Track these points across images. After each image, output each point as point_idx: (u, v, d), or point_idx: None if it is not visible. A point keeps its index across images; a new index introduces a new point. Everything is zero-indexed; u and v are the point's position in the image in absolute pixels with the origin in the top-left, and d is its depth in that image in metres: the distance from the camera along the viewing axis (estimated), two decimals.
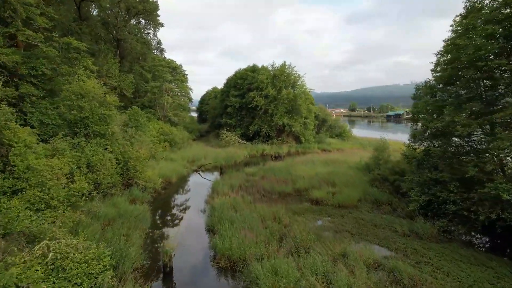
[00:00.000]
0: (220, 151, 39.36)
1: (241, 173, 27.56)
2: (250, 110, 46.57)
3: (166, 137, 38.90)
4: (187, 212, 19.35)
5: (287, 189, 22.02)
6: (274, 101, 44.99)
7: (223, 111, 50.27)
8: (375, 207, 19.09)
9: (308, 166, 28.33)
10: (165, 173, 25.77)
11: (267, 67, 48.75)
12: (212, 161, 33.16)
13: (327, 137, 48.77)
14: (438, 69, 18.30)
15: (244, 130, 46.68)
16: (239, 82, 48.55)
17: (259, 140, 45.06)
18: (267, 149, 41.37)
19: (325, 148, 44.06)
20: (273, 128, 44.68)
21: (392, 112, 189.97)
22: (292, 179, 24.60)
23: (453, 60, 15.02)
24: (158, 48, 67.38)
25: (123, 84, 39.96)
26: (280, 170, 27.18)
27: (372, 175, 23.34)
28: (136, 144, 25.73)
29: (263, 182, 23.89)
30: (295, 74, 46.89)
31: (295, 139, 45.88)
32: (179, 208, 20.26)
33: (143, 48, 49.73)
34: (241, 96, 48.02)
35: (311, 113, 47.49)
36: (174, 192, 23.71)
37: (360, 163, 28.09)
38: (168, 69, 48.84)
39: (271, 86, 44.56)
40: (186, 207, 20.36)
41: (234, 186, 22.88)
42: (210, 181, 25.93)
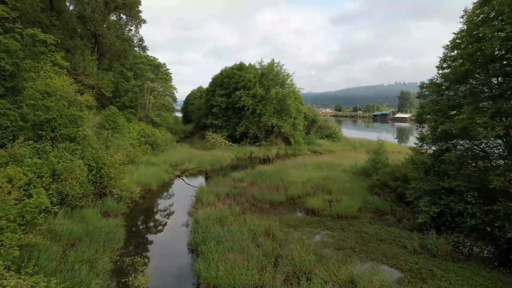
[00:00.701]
0: (206, 153, 37.10)
1: (228, 178, 25.43)
2: (237, 110, 44.43)
3: (147, 139, 36.44)
4: (167, 226, 17.09)
5: (279, 198, 20.02)
6: (262, 100, 43.00)
7: (209, 111, 47.96)
8: (377, 217, 17.33)
9: (300, 171, 26.44)
10: (145, 179, 23.43)
11: (254, 65, 46.73)
12: (197, 165, 30.90)
13: (317, 138, 47.11)
14: (445, 65, 16.72)
15: (230, 131, 44.51)
16: (225, 81, 46.32)
17: (247, 142, 42.99)
18: (255, 151, 39.33)
19: (315, 150, 42.35)
20: (261, 129, 42.67)
21: (378, 112, 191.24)
22: (284, 185, 22.64)
23: (470, 54, 13.27)
24: (141, 46, 64.52)
25: (101, 82, 37.29)
26: (270, 175, 25.18)
27: (370, 181, 21.60)
28: (112, 148, 23.31)
29: (252, 189, 21.83)
30: (284, 73, 45.06)
31: (284, 140, 44.01)
32: (158, 221, 17.98)
33: (123, 45, 46.93)
34: (227, 95, 45.81)
35: (300, 113, 45.69)
36: (154, 201, 21.36)
37: (356, 167, 26.39)
38: (150, 67, 46.16)
39: (259, 85, 42.56)
40: (166, 220, 18.10)
41: (220, 194, 20.74)
42: (195, 187, 23.77)
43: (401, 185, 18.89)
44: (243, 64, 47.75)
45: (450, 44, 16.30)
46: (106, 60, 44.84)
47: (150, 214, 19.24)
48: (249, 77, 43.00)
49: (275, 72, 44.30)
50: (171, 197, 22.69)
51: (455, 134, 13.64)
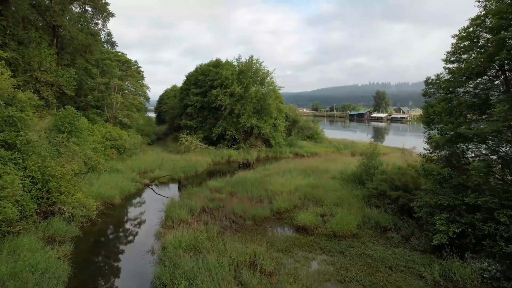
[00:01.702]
0: (179, 158, 33.74)
1: (204, 188, 22.35)
2: (214, 110, 41.23)
3: (113, 143, 32.70)
4: (127, 255, 13.84)
5: (263, 212, 17.18)
6: (240, 99, 40.04)
7: (183, 112, 44.45)
8: (379, 234, 14.87)
9: (285, 178, 23.73)
10: (106, 191, 20.05)
11: (232, 62, 43.72)
12: (169, 172, 27.56)
13: (298, 139, 44.68)
14: (453, 58, 14.51)
15: (207, 133, 41.25)
16: (201, 78, 42.98)
17: (224, 144, 39.88)
18: (233, 155, 36.33)
19: (298, 152, 39.88)
20: (240, 131, 39.69)
21: (355, 112, 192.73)
22: (268, 196, 19.86)
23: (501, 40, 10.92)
24: (109, 41, 60.02)
25: (61, 79, 33.18)
26: (252, 183, 22.33)
27: (366, 190, 19.16)
28: (66, 155, 19.73)
29: (232, 201, 18.89)
30: (263, 70, 42.31)
31: (264, 142, 41.25)
32: (117, 248, 14.68)
33: (88, 39, 42.64)
34: (202, 94, 42.49)
35: (281, 114, 43.08)
36: (115, 219, 17.94)
37: (346, 172, 24.01)
38: (117, 63, 42.11)
39: (237, 83, 39.55)
40: (127, 245, 14.86)
41: (195, 208, 17.69)
42: (166, 198, 20.63)
43: (402, 195, 16.55)
44: (219, 61, 44.60)
45: (461, 33, 14.10)
46: (68, 55, 40.48)
47: (108, 237, 15.89)
48: (226, 74, 39.92)
49: (254, 69, 41.46)
50: (137, 213, 19.35)
51: (477, 138, 11.30)
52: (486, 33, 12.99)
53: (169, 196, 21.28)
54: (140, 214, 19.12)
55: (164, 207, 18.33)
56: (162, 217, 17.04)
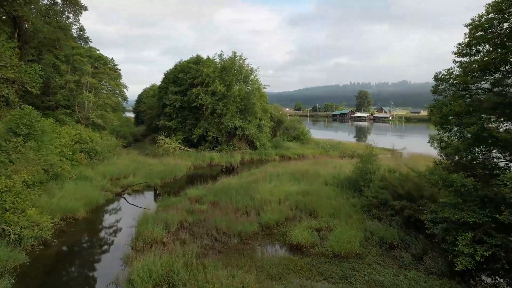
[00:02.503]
0: (156, 162, 31.02)
1: (183, 197, 19.89)
2: (194, 110, 38.59)
3: (84, 146, 29.66)
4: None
5: (251, 227, 14.89)
6: (223, 99, 37.57)
7: (161, 112, 41.56)
8: (385, 253, 12.86)
9: (273, 184, 21.55)
10: (69, 203, 17.35)
11: (213, 59, 41.15)
12: (144, 179, 24.86)
13: (284, 140, 42.60)
14: (464, 52, 12.75)
15: (187, 135, 38.55)
16: (180, 76, 40.20)
17: (206, 146, 37.33)
18: (216, 158, 33.84)
19: (284, 154, 37.80)
20: (222, 132, 37.21)
21: (338, 112, 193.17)
22: (255, 206, 17.62)
23: None
24: (82, 37, 56.23)
25: (24, 76, 29.85)
26: (236, 191, 20.02)
27: (365, 199, 17.15)
28: (19, 163, 16.93)
29: (214, 214, 16.52)
30: (247, 68, 39.99)
31: (248, 144, 38.94)
32: (72, 279, 12.03)
33: (56, 33, 39.20)
34: (182, 93, 39.76)
35: (266, 113, 40.86)
36: (76, 238, 15.21)
37: (339, 177, 22.06)
38: (89, 60, 38.84)
39: (219, 81, 37.05)
40: (85, 276, 12.22)
41: (171, 223, 15.24)
42: (141, 208, 18.19)
43: (407, 206, 14.66)
44: (200, 58, 41.95)
45: (475, 21, 12.33)
46: (33, 49, 37.06)
47: (63, 263, 13.17)
48: (207, 71, 37.35)
49: (238, 67, 39.07)
50: (103, 229, 16.69)
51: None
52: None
53: (144, 206, 18.84)
54: (107, 231, 16.47)
55: (136, 223, 15.78)
56: (133, 235, 14.54)
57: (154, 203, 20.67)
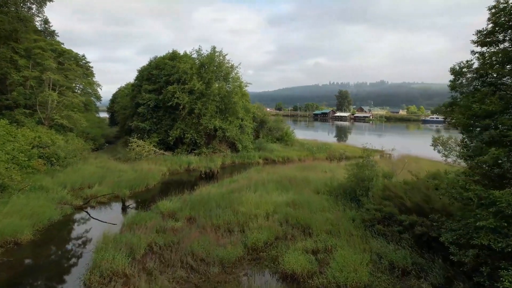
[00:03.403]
0: (128, 168, 27.92)
1: (155, 211, 17.09)
2: (170, 109, 35.56)
3: (43, 151, 26.27)
4: None
5: (234, 251, 12.31)
6: (201, 97, 34.75)
7: (134, 112, 38.24)
8: (397, 281, 10.59)
9: (258, 193, 19.06)
10: (12, 223, 14.29)
11: (191, 55, 38.20)
12: (110, 190, 21.78)
13: (268, 142, 40.20)
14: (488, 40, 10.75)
15: (162, 137, 35.46)
16: (155, 73, 37.00)
17: (183, 149, 34.39)
18: (194, 162, 30.97)
19: (268, 157, 35.39)
20: (201, 133, 34.36)
21: (319, 111, 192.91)
22: (240, 222, 15.07)
23: None
24: (47, 30, 51.97)
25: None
26: (217, 202, 17.43)
27: (366, 212, 14.88)
28: None
29: (191, 234, 13.82)
30: (227, 64, 37.29)
31: (230, 146, 36.27)
32: None
33: (13, 24, 35.30)
34: (157, 91, 36.62)
35: (248, 114, 38.27)
36: (14, 272, 12.11)
37: (331, 184, 19.83)
38: (52, 54, 35.06)
39: (197, 79, 34.20)
40: None
41: (137, 248, 12.48)
42: (107, 223, 15.38)
43: (418, 221, 12.49)
44: (176, 53, 38.84)
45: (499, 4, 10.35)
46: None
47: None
48: (184, 68, 34.40)
49: (217, 63, 36.35)
50: (51, 257, 13.63)
51: None
52: None
53: (109, 221, 16.01)
54: (56, 258, 13.46)
55: (96, 246, 12.95)
56: (87, 267, 11.70)
57: (122, 217, 17.89)
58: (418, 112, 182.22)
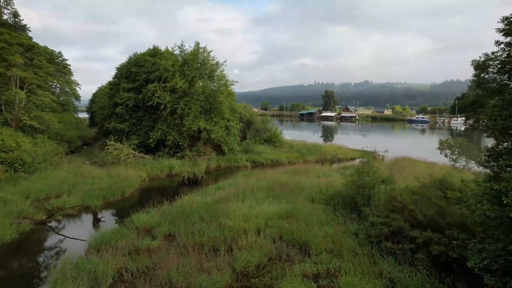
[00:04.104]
0: (103, 173, 25.48)
1: (128, 227, 14.92)
2: (151, 110, 33.17)
3: (5, 156, 23.64)
4: None
5: (222, 278, 10.29)
6: (184, 96, 32.52)
7: (113, 112, 35.63)
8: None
9: (248, 203, 17.08)
10: None
11: (173, 51, 35.82)
12: (81, 200, 19.36)
13: (256, 144, 38.29)
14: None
15: (142, 139, 33.04)
16: (134, 70, 34.47)
17: (165, 152, 32.08)
18: (176, 166, 28.70)
19: (256, 160, 33.46)
20: (184, 135, 32.10)
21: (305, 111, 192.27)
22: (226, 239, 13.09)
23: None
24: (17, 24, 48.46)
25: None
26: (201, 215, 15.37)
27: (369, 225, 13.09)
28: None
29: (169, 257, 11.73)
30: (212, 61, 35.14)
31: (215, 149, 34.15)
32: None
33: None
34: (136, 90, 34.15)
35: (234, 114, 36.21)
36: None
37: (327, 192, 18.06)
38: (19, 49, 32.10)
39: (179, 76, 31.97)
40: None
41: (103, 277, 10.34)
42: (76, 240, 13.07)
43: (434, 239, 10.79)
44: (157, 49, 36.40)
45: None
46: None
47: None
48: (165, 65, 32.09)
49: (201, 60, 34.19)
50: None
51: None
52: None
53: (76, 237, 13.79)
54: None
55: (55, 273, 10.73)
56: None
57: (94, 231, 15.70)
58: (404, 112, 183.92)
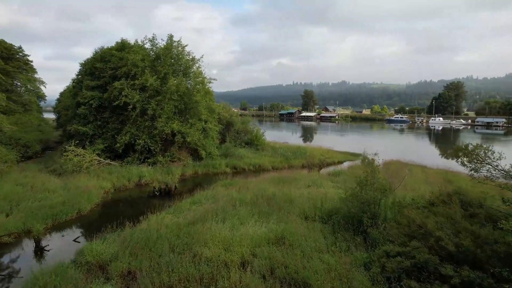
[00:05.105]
0: (59, 184, 21.83)
1: (76, 261, 11.64)
2: (118, 110, 29.54)
3: None
4: None
5: None
6: (156, 95, 29.11)
7: (76, 113, 31.65)
8: None
9: (229, 223, 14.12)
10: None
11: (143, 45, 32.25)
12: (22, 222, 15.74)
13: (236, 147, 35.30)
14: None
15: (109, 143, 29.32)
16: (99, 66, 30.64)
17: (135, 158, 28.54)
18: (146, 175, 25.25)
19: (237, 165, 30.47)
20: (156, 139, 28.63)
21: (285, 111, 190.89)
22: (203, 277, 10.10)
23: None
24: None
25: None
26: (171, 242, 12.29)
27: (383, 255, 10.42)
28: None
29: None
30: (188, 56, 31.82)
31: (191, 153, 30.88)
32: None
33: None
34: (101, 88, 30.37)
35: (213, 114, 33.00)
36: None
37: (323, 207, 15.38)
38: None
39: (150, 73, 28.53)
40: None
41: None
42: (10, 277, 9.76)
43: (476, 280, 8.27)
44: (126, 43, 32.67)
45: None
46: None
47: None
48: (134, 59, 28.56)
49: (176, 55, 30.84)
50: None
51: None
52: None
53: (11, 272, 10.39)
54: None
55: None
56: None
57: (36, 263, 12.39)
58: (382, 111, 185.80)
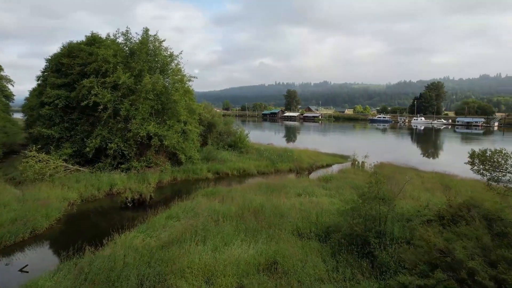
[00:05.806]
0: (15, 196, 19.02)
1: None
2: (88, 111, 26.73)
3: None
4: None
5: None
6: (129, 94, 26.52)
7: (39, 113, 28.61)
8: None
9: (211, 243, 11.98)
10: None
11: (115, 39, 29.54)
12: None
13: (219, 150, 33.04)
14: None
15: (78, 147, 26.52)
16: (66, 62, 27.73)
17: (107, 164, 25.84)
18: (119, 183, 22.66)
19: (219, 170, 28.24)
20: (130, 142, 25.96)
21: (268, 111, 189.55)
22: None
23: None
24: None
25: None
26: (140, 274, 10.02)
27: (396, 285, 8.58)
28: None
29: None
30: (165, 52, 29.33)
31: (169, 158, 28.40)
32: None
33: None
34: (69, 86, 27.53)
35: (193, 115, 30.55)
36: None
37: (318, 221, 13.47)
38: None
39: (123, 69, 25.94)
40: None
41: None
42: None
43: None
44: (96, 37, 29.85)
45: None
46: None
47: None
48: (105, 54, 25.87)
49: (152, 50, 28.30)
50: None
51: None
52: None
53: None
54: None
55: None
56: None
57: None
58: (365, 111, 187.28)
